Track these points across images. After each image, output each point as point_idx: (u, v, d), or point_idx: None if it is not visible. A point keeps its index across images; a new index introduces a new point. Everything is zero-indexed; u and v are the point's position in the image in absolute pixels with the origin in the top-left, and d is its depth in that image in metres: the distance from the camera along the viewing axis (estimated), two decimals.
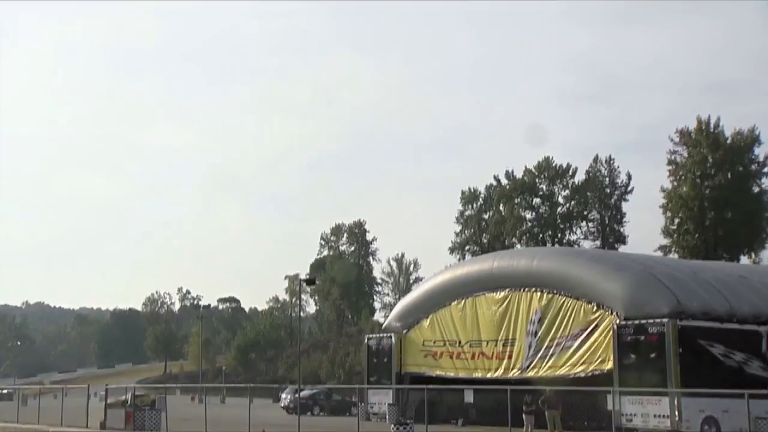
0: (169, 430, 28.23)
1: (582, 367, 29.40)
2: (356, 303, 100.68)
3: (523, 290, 32.40)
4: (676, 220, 58.69)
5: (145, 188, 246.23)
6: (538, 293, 31.79)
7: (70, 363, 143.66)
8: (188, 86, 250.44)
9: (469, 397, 24.94)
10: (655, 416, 26.01)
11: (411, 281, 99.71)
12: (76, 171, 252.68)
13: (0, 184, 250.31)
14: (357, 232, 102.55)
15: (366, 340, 40.93)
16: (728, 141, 58.93)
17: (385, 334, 39.29)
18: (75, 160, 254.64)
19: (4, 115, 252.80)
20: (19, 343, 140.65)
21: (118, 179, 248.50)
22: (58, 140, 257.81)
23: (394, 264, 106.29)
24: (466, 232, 78.96)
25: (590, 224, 73.05)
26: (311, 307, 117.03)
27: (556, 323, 30.77)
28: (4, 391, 46.89)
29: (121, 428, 29.87)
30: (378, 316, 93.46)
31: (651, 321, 26.88)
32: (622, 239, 72.28)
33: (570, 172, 73.38)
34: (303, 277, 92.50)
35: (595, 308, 29.46)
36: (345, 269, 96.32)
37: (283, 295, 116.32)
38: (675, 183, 59.26)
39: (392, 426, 23.50)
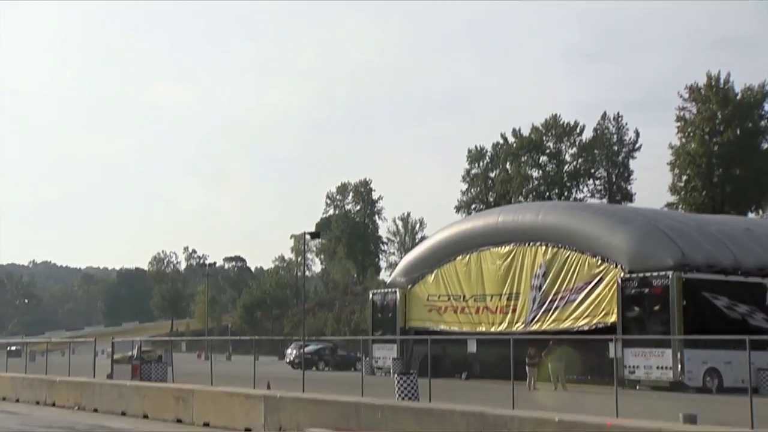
0: (176, 382, 28.44)
1: (586, 321, 29.44)
2: (362, 262, 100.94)
3: (528, 244, 32.34)
4: (684, 178, 58.27)
5: (150, 147, 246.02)
6: (543, 247, 31.73)
7: (77, 321, 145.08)
8: (192, 45, 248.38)
9: (472, 346, 25.07)
10: (657, 368, 26.07)
11: (416, 240, 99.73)
12: (81, 130, 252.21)
13: (5, 143, 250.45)
14: (363, 191, 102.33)
15: (371, 296, 41.08)
16: (738, 97, 58.17)
17: (389, 289, 39.41)
18: (80, 119, 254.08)
19: (8, 73, 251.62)
20: (26, 301, 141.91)
21: (123, 138, 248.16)
22: (62, 99, 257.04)
23: (399, 223, 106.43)
24: (472, 190, 78.68)
25: (597, 182, 72.75)
26: (317, 267, 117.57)
27: (561, 277, 30.75)
28: (13, 348, 47.32)
29: (128, 380, 30.12)
30: (383, 275, 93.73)
31: (655, 274, 26.79)
32: (629, 197, 72.00)
33: (577, 130, 72.81)
34: (309, 236, 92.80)
35: (599, 262, 29.39)
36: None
37: (289, 255, 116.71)
38: (683, 140, 58.71)
39: (395, 375, 23.57)
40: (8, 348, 45.40)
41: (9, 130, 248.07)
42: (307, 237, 55.50)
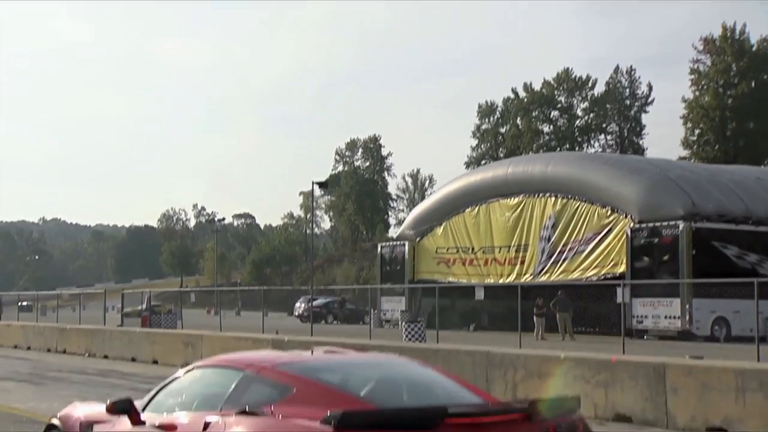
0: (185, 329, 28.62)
1: (594, 271, 29.35)
2: (371, 219, 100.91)
3: (537, 196, 32.12)
4: (697, 131, 57.58)
5: (159, 105, 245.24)
6: (553, 198, 31.52)
7: (87, 278, 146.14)
8: (200, 3, 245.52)
9: (479, 293, 25.06)
10: (665, 317, 26.03)
11: (426, 197, 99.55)
12: (90, 86, 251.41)
13: (15, 101, 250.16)
14: (372, 147, 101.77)
15: (379, 248, 41.10)
16: (753, 48, 57.11)
17: (398, 242, 39.39)
18: (89, 76, 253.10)
19: (17, 31, 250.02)
20: (37, 257, 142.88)
21: (131, 96, 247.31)
22: (73, 55, 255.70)
23: (409, 180, 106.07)
24: (482, 146, 78.12)
25: (608, 137, 72.06)
26: (326, 224, 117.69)
27: (570, 228, 30.59)
28: (24, 303, 47.68)
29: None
30: (392, 233, 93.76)
31: (665, 224, 26.58)
32: (640, 152, 71.35)
33: (589, 84, 71.88)
34: (318, 193, 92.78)
35: (609, 212, 29.18)
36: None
37: (298, 212, 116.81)
38: (697, 93, 57.87)
39: (403, 323, 23.64)
40: (19, 303, 45.70)
41: (20, 86, 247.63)
42: (316, 188, 55.19)
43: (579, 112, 72.35)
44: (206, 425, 5.11)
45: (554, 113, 72.45)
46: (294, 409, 4.77)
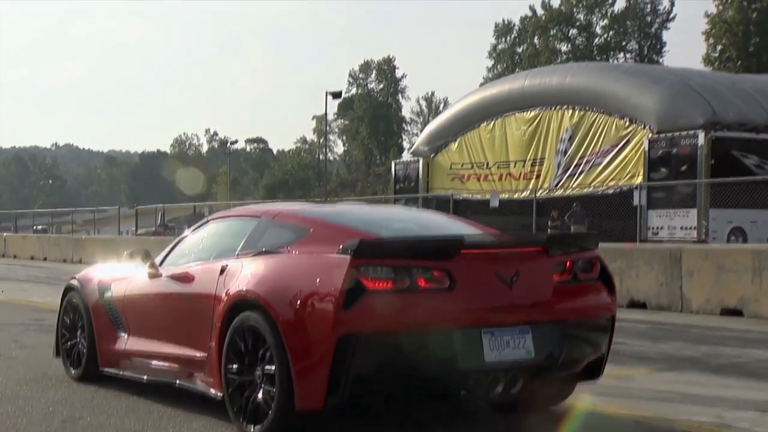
0: None
1: (611, 184, 29.06)
2: (384, 143, 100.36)
3: (555, 108, 31.58)
4: (719, 47, 56.09)
5: (173, 29, 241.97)
6: (570, 111, 30.99)
7: (101, 204, 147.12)
8: None
9: (494, 201, 24.92)
10: (681, 228, 25.83)
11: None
12: (102, 11, 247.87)
13: (28, 26, 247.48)
14: (386, 69, 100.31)
15: (393, 165, 40.89)
16: None
17: (412, 159, 39.10)
18: (104, 1, 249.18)
19: None
20: (50, 182, 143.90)
21: (145, 19, 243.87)
22: None
23: (423, 103, 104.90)
24: (498, 66, 76.69)
25: (628, 55, 70.39)
26: (339, 148, 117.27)
27: (587, 141, 30.18)
28: (39, 227, 48.26)
29: None
30: (406, 157, 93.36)
31: (684, 133, 26.10)
32: None
33: (609, 1, 69.87)
34: (331, 116, 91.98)
35: (627, 123, 28.66)
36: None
37: (311, 136, 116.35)
38: (720, 7, 56.13)
39: None
40: (34, 227, 46.28)
41: (31, 10, 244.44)
42: (330, 109, 54.66)
43: (598, 30, 70.56)
44: (223, 269, 5.06)
45: (573, 31, 70.71)
46: (311, 248, 4.70)
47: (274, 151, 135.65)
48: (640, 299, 11.34)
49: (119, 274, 6.31)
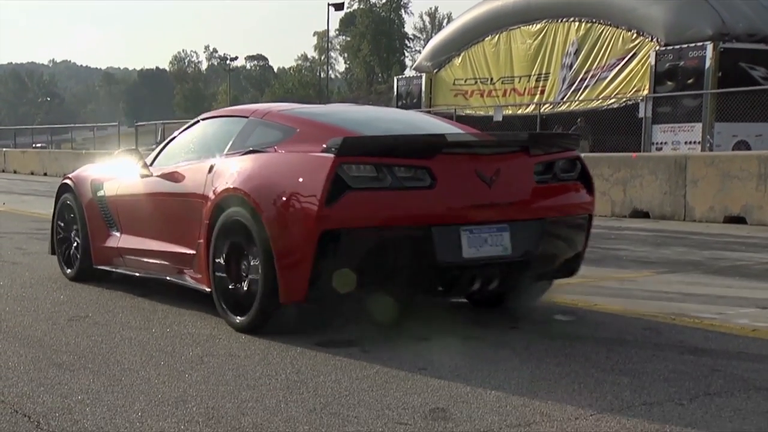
0: None
1: (616, 99, 28.70)
2: (386, 60, 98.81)
3: (561, 21, 30.90)
4: None
5: None
6: (576, 23, 30.33)
7: (99, 121, 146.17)
8: None
9: (498, 116, 24.62)
10: (685, 143, 25.62)
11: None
12: None
13: None
14: None
15: (395, 81, 40.35)
16: None
17: (415, 74, 38.55)
18: None
19: None
20: (48, 99, 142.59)
21: None
22: None
23: (426, 19, 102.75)
24: None
25: None
26: (340, 66, 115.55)
27: (593, 54, 29.64)
28: (38, 145, 48.10)
29: None
30: (408, 74, 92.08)
31: (692, 45, 25.57)
32: None
33: None
34: (333, 33, 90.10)
35: (634, 35, 28.04)
36: None
37: (312, 53, 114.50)
38: None
39: None
40: (33, 144, 46.10)
41: None
42: (332, 23, 53.50)
43: None
44: (211, 168, 5.15)
45: None
46: (298, 147, 4.75)
47: (275, 69, 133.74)
48: (643, 208, 11.30)
49: (112, 174, 6.38)
